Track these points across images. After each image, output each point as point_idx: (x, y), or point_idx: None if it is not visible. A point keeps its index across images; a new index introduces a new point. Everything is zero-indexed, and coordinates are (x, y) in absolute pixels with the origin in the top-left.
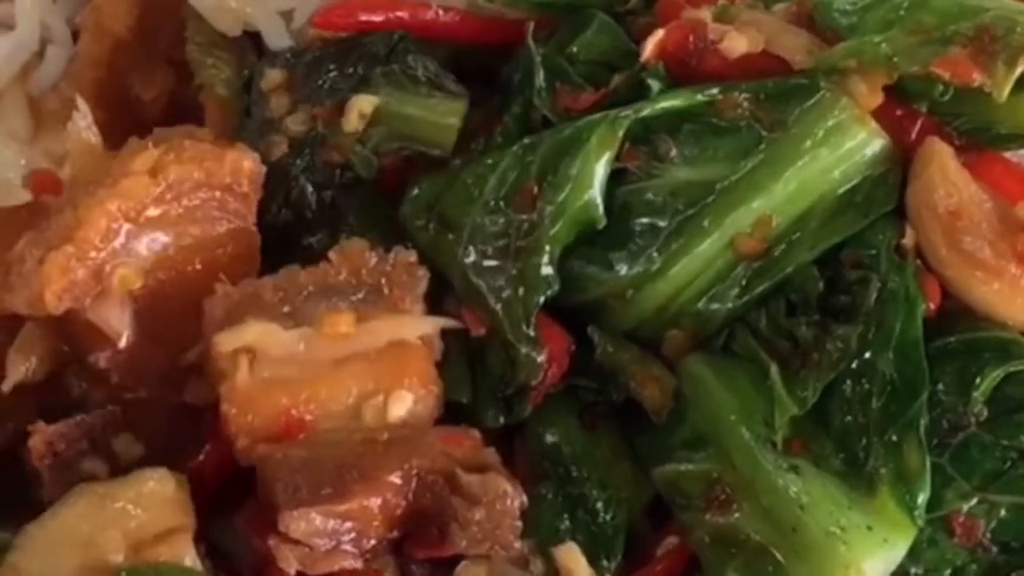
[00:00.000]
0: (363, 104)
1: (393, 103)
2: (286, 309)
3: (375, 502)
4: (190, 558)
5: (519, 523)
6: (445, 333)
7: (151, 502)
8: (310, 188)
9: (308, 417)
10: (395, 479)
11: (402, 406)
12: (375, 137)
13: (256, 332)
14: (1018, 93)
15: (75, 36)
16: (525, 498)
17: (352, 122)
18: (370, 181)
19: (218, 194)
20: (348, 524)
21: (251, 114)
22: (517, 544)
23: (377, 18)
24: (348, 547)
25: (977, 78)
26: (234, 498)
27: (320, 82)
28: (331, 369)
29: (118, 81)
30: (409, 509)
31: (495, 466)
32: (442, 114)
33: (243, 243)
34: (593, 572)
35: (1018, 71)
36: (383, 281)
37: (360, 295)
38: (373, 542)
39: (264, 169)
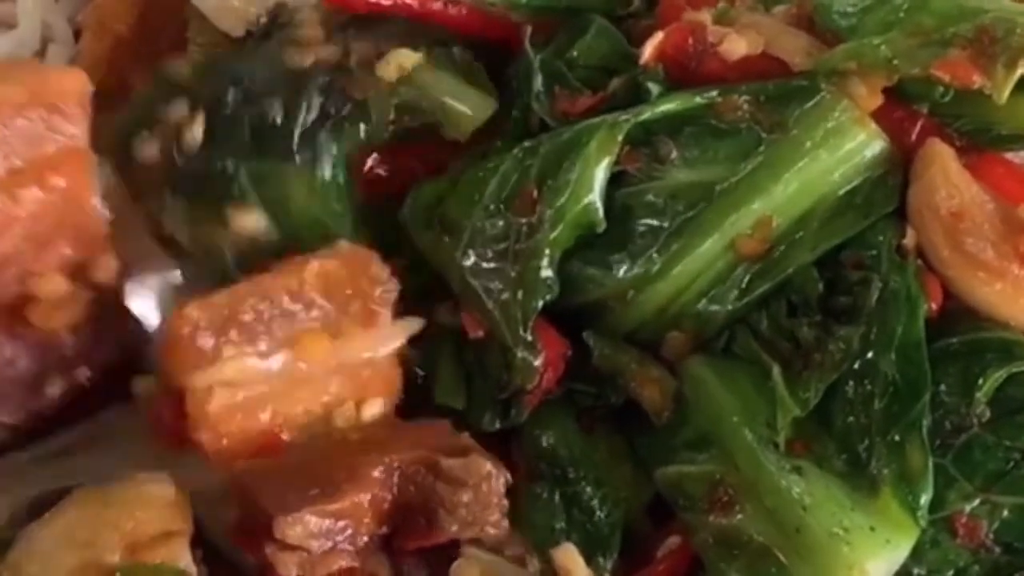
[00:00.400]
0: (405, 58)
1: (432, 74)
2: (261, 330)
3: (365, 498)
4: (185, 562)
5: (506, 501)
6: (439, 336)
7: (149, 505)
8: (319, 103)
9: (283, 434)
10: (378, 474)
11: (372, 410)
12: (402, 95)
13: (234, 369)
14: (1018, 94)
15: (77, 35)
16: (509, 475)
17: (389, 70)
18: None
19: (44, 113)
20: (342, 523)
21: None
22: (505, 523)
23: (385, 2)
24: (344, 546)
25: (977, 80)
26: None
27: (364, 27)
28: (303, 385)
29: (119, 80)
30: (395, 503)
31: (474, 448)
32: (471, 105)
33: (77, 163)
34: (591, 573)
35: (1018, 73)
36: (351, 293)
37: (331, 307)
38: (366, 538)
39: (91, 89)
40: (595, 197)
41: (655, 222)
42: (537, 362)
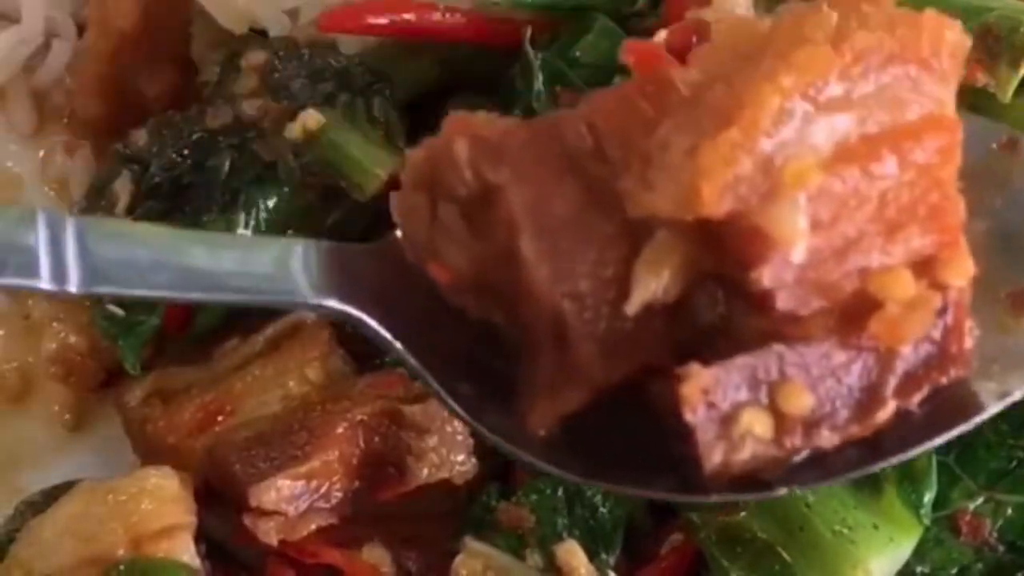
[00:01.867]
0: (311, 120)
1: (339, 132)
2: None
3: (333, 455)
4: (188, 555)
5: (471, 440)
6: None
7: (153, 498)
8: (227, 166)
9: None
10: (342, 431)
11: (317, 369)
12: (308, 155)
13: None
14: (1022, 93)
15: (80, 30)
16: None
17: (294, 131)
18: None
19: (912, 71)
20: (314, 483)
21: (220, 81)
22: (473, 461)
23: (383, 21)
24: (320, 504)
25: (981, 79)
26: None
27: (290, 82)
28: (236, 371)
29: (122, 76)
30: (363, 456)
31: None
32: (374, 163)
33: (939, 132)
34: (594, 570)
35: (1022, 72)
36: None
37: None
38: (340, 494)
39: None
40: None
41: None
42: None
